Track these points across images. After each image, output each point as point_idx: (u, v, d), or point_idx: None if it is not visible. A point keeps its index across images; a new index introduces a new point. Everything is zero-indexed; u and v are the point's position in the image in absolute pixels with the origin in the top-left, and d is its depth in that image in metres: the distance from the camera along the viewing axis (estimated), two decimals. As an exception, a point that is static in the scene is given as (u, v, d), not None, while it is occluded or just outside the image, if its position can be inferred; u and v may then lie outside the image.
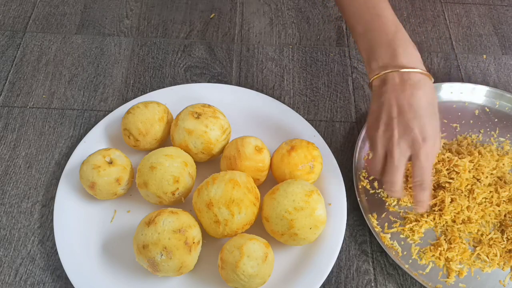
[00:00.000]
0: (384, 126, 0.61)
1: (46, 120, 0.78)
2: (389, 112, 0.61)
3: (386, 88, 0.61)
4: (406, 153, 0.61)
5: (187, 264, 0.60)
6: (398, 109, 0.60)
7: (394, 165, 0.61)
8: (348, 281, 0.66)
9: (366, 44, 0.64)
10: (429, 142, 0.60)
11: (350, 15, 0.66)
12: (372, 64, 0.64)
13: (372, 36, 0.64)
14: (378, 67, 0.63)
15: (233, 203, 0.61)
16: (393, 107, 0.61)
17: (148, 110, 0.70)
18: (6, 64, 0.85)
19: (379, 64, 0.63)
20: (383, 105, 0.61)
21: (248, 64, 0.86)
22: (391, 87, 0.61)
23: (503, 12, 0.97)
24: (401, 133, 0.60)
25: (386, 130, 0.61)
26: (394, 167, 0.61)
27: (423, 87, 0.61)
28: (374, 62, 0.63)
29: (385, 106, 0.61)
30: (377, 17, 0.64)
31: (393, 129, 0.60)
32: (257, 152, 0.66)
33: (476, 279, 0.65)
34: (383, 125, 0.61)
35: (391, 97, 0.61)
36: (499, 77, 0.87)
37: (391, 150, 0.61)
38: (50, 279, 0.64)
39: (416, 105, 0.60)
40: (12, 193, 0.71)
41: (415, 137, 0.60)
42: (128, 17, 0.92)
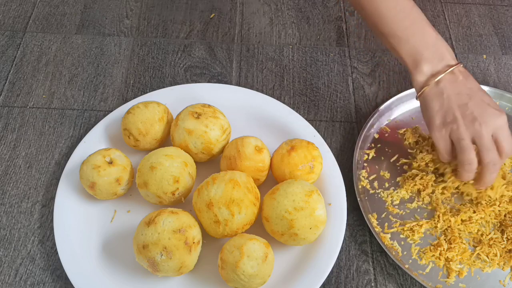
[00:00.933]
0: (461, 114, 0.63)
1: (46, 120, 0.78)
2: (460, 100, 0.64)
3: (444, 84, 0.65)
4: (491, 129, 0.63)
5: (187, 264, 0.60)
6: (467, 94, 0.64)
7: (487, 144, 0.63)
8: (348, 281, 0.66)
9: (411, 49, 0.66)
10: (504, 112, 0.64)
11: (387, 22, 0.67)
12: (423, 68, 0.66)
13: (416, 40, 0.66)
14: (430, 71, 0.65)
15: (233, 203, 0.61)
16: (461, 95, 0.64)
17: (148, 110, 0.70)
18: (6, 64, 0.85)
19: (430, 67, 0.65)
20: (450, 98, 0.64)
21: (248, 64, 0.86)
22: (448, 83, 0.65)
23: (503, 12, 0.97)
24: (481, 111, 0.63)
25: (464, 117, 0.63)
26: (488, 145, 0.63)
27: (468, 74, 0.66)
28: (425, 65, 0.66)
29: (452, 98, 0.64)
30: (417, 22, 0.67)
31: (472, 111, 0.63)
32: (257, 152, 0.66)
33: (476, 279, 0.65)
34: (459, 114, 0.63)
35: (454, 89, 0.64)
36: (499, 77, 0.87)
37: (480, 131, 0.62)
38: (50, 279, 0.64)
39: (476, 88, 0.65)
40: (12, 193, 0.71)
41: (493, 110, 0.63)
42: (128, 17, 0.92)
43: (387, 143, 0.77)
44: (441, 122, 0.65)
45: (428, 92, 0.66)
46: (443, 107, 0.65)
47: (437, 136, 0.66)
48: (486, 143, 0.63)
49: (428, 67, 0.66)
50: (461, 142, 0.64)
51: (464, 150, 0.64)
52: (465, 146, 0.63)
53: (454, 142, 0.65)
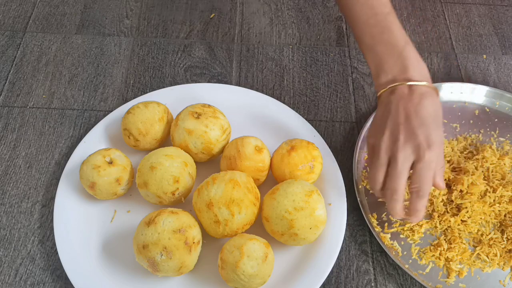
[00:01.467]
0: (389, 132, 0.61)
1: (46, 120, 0.78)
2: (396, 118, 0.61)
3: (393, 97, 0.62)
4: (410, 158, 0.60)
5: (187, 264, 0.60)
6: (405, 115, 0.60)
7: (398, 170, 0.60)
8: (348, 281, 0.66)
9: (374, 56, 0.64)
10: (434, 150, 0.59)
11: (358, 26, 0.66)
12: (381, 77, 0.64)
13: (382, 49, 0.64)
14: (387, 79, 0.63)
15: (233, 203, 0.61)
16: (400, 114, 0.61)
17: (148, 110, 0.70)
18: (6, 64, 0.85)
19: (388, 77, 0.63)
20: (390, 112, 0.61)
21: (248, 64, 0.86)
22: (398, 96, 0.61)
23: (503, 12, 0.97)
24: (407, 138, 0.60)
25: (391, 135, 0.61)
26: (398, 172, 0.60)
27: (430, 97, 0.61)
28: (383, 75, 0.63)
29: (391, 113, 0.61)
30: (387, 30, 0.64)
31: (399, 133, 0.60)
32: (257, 152, 0.66)
33: (476, 279, 0.65)
34: (389, 131, 0.61)
35: (398, 104, 0.61)
36: (499, 77, 0.87)
37: (395, 155, 0.60)
38: (50, 279, 0.64)
39: (423, 113, 0.60)
40: (12, 193, 0.71)
41: (421, 143, 0.59)
42: (128, 17, 0.92)
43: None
44: (375, 130, 0.63)
45: (380, 99, 0.64)
46: (382, 118, 0.62)
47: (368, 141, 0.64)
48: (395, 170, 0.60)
49: (386, 77, 0.63)
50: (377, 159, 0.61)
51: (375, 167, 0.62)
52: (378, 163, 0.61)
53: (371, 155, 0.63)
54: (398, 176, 0.60)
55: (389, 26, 0.64)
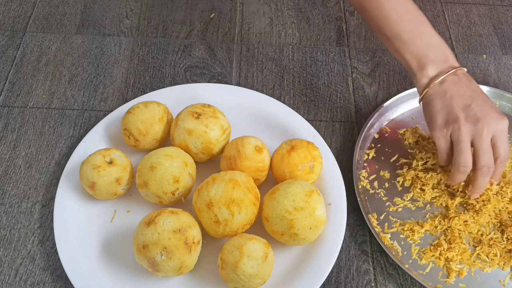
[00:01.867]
0: (463, 114, 0.63)
1: (46, 120, 0.78)
2: (463, 100, 0.64)
3: (447, 85, 0.65)
4: (490, 133, 0.63)
5: (187, 264, 0.60)
6: (469, 96, 0.64)
7: (484, 146, 0.63)
8: (348, 281, 0.66)
9: (414, 50, 0.66)
10: (505, 118, 0.64)
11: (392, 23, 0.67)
12: (428, 69, 0.66)
13: (421, 42, 0.66)
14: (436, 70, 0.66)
15: (233, 203, 0.61)
16: (465, 96, 0.64)
17: (148, 110, 0.70)
18: (6, 64, 0.85)
19: (435, 68, 0.66)
20: (452, 98, 0.64)
21: (248, 64, 0.86)
22: (452, 83, 0.65)
23: (503, 12, 0.97)
24: (483, 114, 0.63)
25: (466, 116, 0.63)
26: (484, 148, 0.63)
27: (470, 76, 0.67)
28: (430, 67, 0.66)
29: (455, 98, 0.64)
30: (422, 23, 0.67)
31: (476, 112, 0.63)
32: (257, 152, 0.66)
33: (476, 279, 0.65)
34: (462, 114, 0.63)
35: (457, 89, 0.65)
36: (499, 77, 0.87)
37: (481, 131, 0.63)
38: (50, 279, 0.64)
39: (478, 90, 0.66)
40: (12, 193, 0.71)
41: (496, 114, 0.64)
42: (128, 17, 0.92)
43: (387, 143, 0.77)
44: (442, 121, 0.65)
45: (431, 92, 0.66)
46: (446, 106, 0.65)
47: (438, 135, 0.66)
48: (485, 146, 0.63)
49: (433, 68, 0.66)
50: (460, 143, 0.64)
51: (462, 152, 0.64)
52: (464, 147, 0.64)
53: (453, 142, 0.65)
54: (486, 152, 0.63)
55: (422, 20, 0.68)
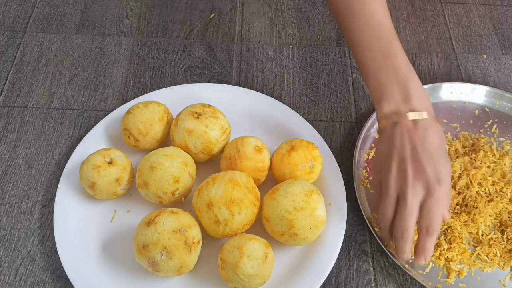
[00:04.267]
0: (396, 167, 0.59)
1: (46, 120, 0.78)
2: (402, 153, 0.59)
3: (397, 130, 0.60)
4: (419, 195, 0.58)
5: (187, 264, 0.60)
6: (412, 150, 0.58)
7: (408, 207, 0.58)
8: (348, 281, 0.66)
9: (376, 82, 0.62)
10: (443, 185, 0.58)
11: (360, 50, 0.64)
12: (382, 105, 0.61)
13: (384, 75, 0.62)
14: (390, 109, 0.61)
15: (233, 203, 0.61)
16: (406, 148, 0.59)
17: (148, 110, 0.70)
18: (6, 64, 0.85)
19: (391, 106, 0.61)
20: (395, 146, 0.60)
21: (248, 64, 0.86)
22: (403, 129, 0.60)
23: (503, 12, 0.97)
24: (415, 174, 0.58)
25: (399, 170, 0.59)
26: (408, 210, 0.58)
27: (434, 129, 0.60)
28: (385, 103, 0.61)
29: (397, 147, 0.59)
30: (391, 57, 0.62)
31: (407, 169, 0.58)
32: (257, 152, 0.66)
33: (476, 279, 0.65)
34: (396, 166, 0.59)
35: (403, 138, 0.59)
36: (499, 77, 0.87)
37: (404, 192, 0.58)
38: (50, 279, 0.64)
39: (430, 146, 0.59)
40: (12, 193, 0.71)
41: (430, 178, 0.57)
42: (128, 17, 0.92)
43: (387, 143, 0.76)
44: (379, 164, 0.62)
45: (384, 131, 0.62)
46: (387, 152, 0.60)
47: (373, 179, 0.63)
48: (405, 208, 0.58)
49: (388, 107, 0.61)
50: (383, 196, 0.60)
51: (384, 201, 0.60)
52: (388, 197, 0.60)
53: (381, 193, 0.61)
54: (408, 213, 0.58)
55: (392, 52, 0.62)
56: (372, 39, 0.63)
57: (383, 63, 0.62)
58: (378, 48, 0.63)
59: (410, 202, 0.58)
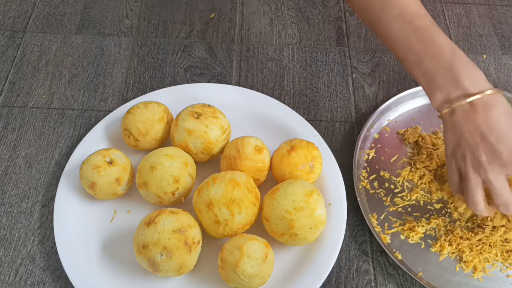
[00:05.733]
0: (470, 155, 0.59)
1: (46, 120, 0.78)
2: (471, 141, 0.59)
3: (457, 117, 0.59)
4: (501, 174, 0.59)
5: (187, 264, 0.60)
6: (480, 135, 0.58)
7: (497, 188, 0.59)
8: (348, 281, 0.66)
9: (423, 74, 0.61)
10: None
11: (399, 45, 0.63)
12: (435, 95, 0.61)
13: (429, 64, 0.61)
14: (443, 98, 0.60)
15: (233, 203, 0.61)
16: (474, 134, 0.58)
17: (148, 110, 0.70)
18: (6, 64, 0.85)
19: (444, 94, 0.60)
20: (462, 135, 0.59)
21: (248, 64, 0.86)
22: (462, 116, 0.59)
23: (503, 12, 0.97)
24: (490, 159, 0.58)
25: (473, 158, 0.59)
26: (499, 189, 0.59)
27: (495, 106, 0.58)
28: (438, 92, 0.60)
29: (464, 135, 0.59)
30: (431, 44, 0.61)
31: (480, 157, 0.58)
32: (257, 152, 0.66)
33: (479, 276, 0.65)
34: (469, 155, 0.59)
35: (467, 125, 0.59)
36: (499, 77, 0.87)
37: (487, 177, 0.59)
38: (50, 279, 0.64)
39: (496, 127, 0.57)
40: (12, 193, 0.71)
41: (507, 159, 0.57)
42: (128, 17, 0.92)
43: (387, 143, 0.77)
44: (451, 153, 0.62)
45: (444, 120, 0.62)
46: (455, 141, 0.61)
47: (448, 164, 0.63)
48: (495, 189, 0.59)
49: (441, 95, 0.60)
50: (466, 182, 0.61)
51: (468, 191, 0.61)
52: (470, 187, 0.61)
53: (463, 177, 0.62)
54: (501, 192, 0.59)
55: (432, 39, 0.61)
56: (409, 32, 0.62)
57: (424, 53, 0.61)
58: (417, 39, 0.61)
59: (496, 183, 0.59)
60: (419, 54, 0.61)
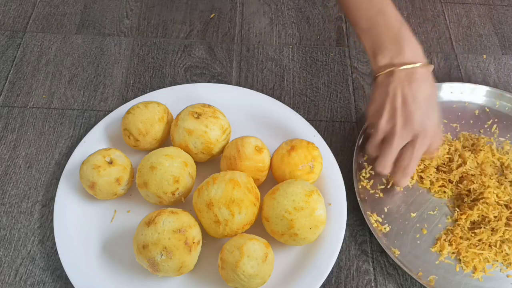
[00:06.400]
0: (387, 115, 0.64)
1: (46, 120, 0.78)
2: (393, 102, 0.64)
3: (391, 79, 0.64)
4: (405, 139, 0.64)
5: (187, 264, 0.60)
6: (403, 100, 0.63)
7: (392, 149, 0.65)
8: (348, 281, 0.66)
9: (371, 39, 0.66)
10: (428, 134, 0.64)
11: (353, 10, 0.67)
12: (378, 59, 0.66)
13: (377, 32, 0.66)
14: (385, 62, 0.65)
15: (233, 203, 0.61)
16: (398, 97, 0.63)
17: (148, 110, 0.70)
18: (6, 64, 0.85)
19: (386, 59, 0.65)
20: (388, 94, 0.64)
21: (248, 64, 0.86)
22: (396, 79, 0.64)
23: (503, 12, 0.97)
24: (403, 123, 0.63)
25: (389, 119, 0.64)
26: (391, 151, 0.65)
27: (425, 81, 0.64)
28: (380, 57, 0.65)
29: (389, 96, 0.64)
30: (382, 13, 0.66)
31: (396, 118, 0.63)
32: (257, 152, 0.66)
33: (480, 276, 0.65)
34: (387, 114, 0.64)
35: (396, 88, 0.64)
36: (499, 77, 0.87)
37: (391, 138, 0.64)
38: (50, 279, 0.64)
39: (420, 97, 0.63)
40: (12, 193, 0.71)
41: (416, 128, 0.63)
42: (128, 17, 0.92)
43: (387, 143, 0.77)
44: (374, 108, 0.66)
45: (378, 80, 0.66)
46: (380, 98, 0.65)
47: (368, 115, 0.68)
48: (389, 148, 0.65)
49: (383, 59, 0.65)
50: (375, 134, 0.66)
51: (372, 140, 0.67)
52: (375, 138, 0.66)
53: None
54: (390, 154, 0.65)
55: (383, 9, 0.66)
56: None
57: (375, 21, 0.66)
58: (369, 7, 0.66)
59: (395, 145, 0.64)
60: (369, 20, 0.66)
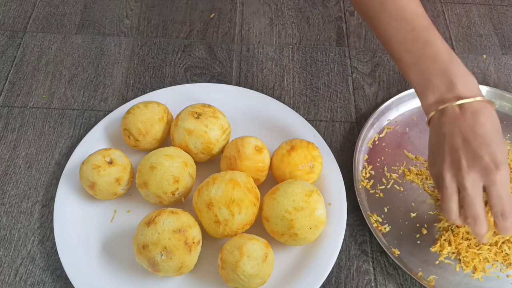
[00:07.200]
0: (449, 159, 0.57)
1: (46, 120, 0.78)
2: (452, 143, 0.57)
3: (445, 119, 0.58)
4: (479, 182, 0.56)
5: (187, 264, 0.60)
6: (462, 138, 0.56)
7: (470, 197, 0.56)
8: (348, 281, 0.66)
9: (418, 75, 0.60)
10: (503, 168, 0.55)
11: (395, 44, 0.62)
12: (427, 96, 0.60)
13: (425, 66, 0.60)
14: (435, 99, 0.59)
15: (233, 203, 0.61)
16: (456, 137, 0.57)
17: (148, 110, 0.70)
18: (6, 64, 0.85)
19: (436, 96, 0.59)
20: (444, 136, 0.58)
21: (248, 64, 0.86)
22: (450, 117, 0.58)
23: (503, 12, 0.97)
24: (470, 163, 0.56)
25: (452, 162, 0.57)
26: (471, 199, 0.56)
27: (485, 113, 0.57)
28: (430, 94, 0.59)
29: (447, 137, 0.58)
30: (428, 45, 0.60)
31: (460, 160, 0.56)
32: (257, 152, 0.66)
33: (480, 275, 0.65)
34: (449, 158, 0.57)
35: (452, 127, 0.57)
36: (499, 77, 0.87)
37: (462, 183, 0.56)
38: (50, 279, 0.64)
39: (481, 132, 0.56)
40: (12, 193, 0.71)
41: (487, 165, 0.55)
42: (128, 17, 0.92)
43: (387, 143, 0.76)
44: (432, 157, 0.61)
45: (431, 124, 0.61)
46: (437, 144, 0.59)
47: (430, 171, 0.62)
48: (468, 197, 0.56)
49: (433, 96, 0.59)
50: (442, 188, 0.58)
51: (443, 197, 0.58)
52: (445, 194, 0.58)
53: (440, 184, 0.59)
54: (473, 203, 0.56)
55: (430, 40, 0.60)
56: (406, 30, 0.61)
57: (420, 54, 0.60)
58: (414, 39, 0.61)
59: (471, 192, 0.56)
60: (415, 54, 0.61)
